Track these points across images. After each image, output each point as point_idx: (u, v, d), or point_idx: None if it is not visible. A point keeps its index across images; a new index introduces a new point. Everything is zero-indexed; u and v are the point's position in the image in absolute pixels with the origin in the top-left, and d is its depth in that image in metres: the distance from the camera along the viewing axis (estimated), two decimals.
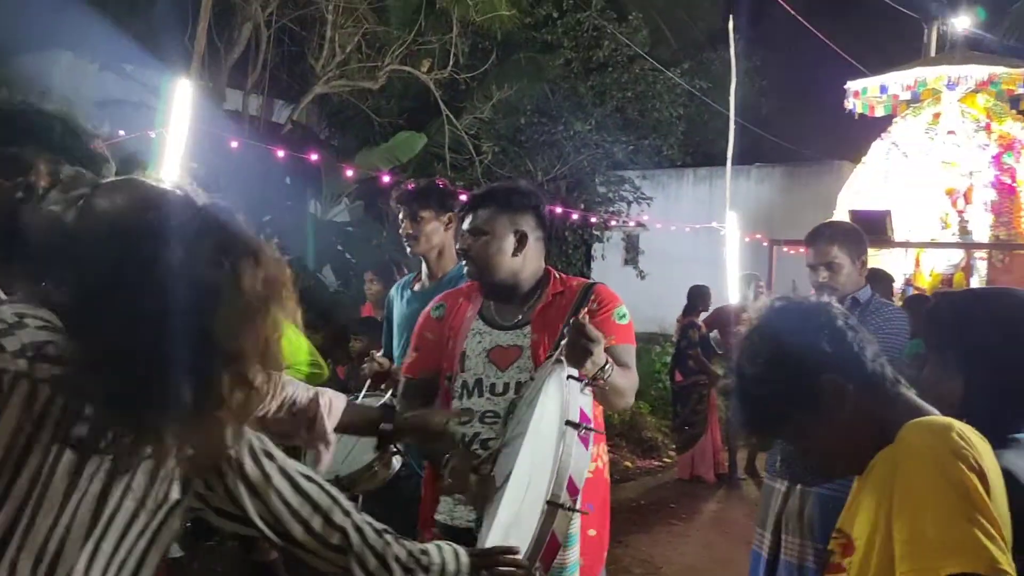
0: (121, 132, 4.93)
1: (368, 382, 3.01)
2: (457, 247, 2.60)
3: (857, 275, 3.14)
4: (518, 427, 2.07)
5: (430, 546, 1.50)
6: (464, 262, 2.47)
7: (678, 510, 6.85)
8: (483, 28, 10.80)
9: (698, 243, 12.50)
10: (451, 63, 10.47)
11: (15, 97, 1.49)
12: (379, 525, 1.47)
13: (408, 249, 3.23)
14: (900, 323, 3.08)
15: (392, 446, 2.75)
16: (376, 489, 2.88)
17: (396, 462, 2.85)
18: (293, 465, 1.40)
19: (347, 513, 1.43)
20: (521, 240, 2.40)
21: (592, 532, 2.30)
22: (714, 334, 7.60)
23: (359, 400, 3.00)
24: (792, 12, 9.30)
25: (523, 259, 2.41)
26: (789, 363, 1.49)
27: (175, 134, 4.36)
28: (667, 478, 7.94)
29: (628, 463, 8.17)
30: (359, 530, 1.43)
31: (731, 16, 9.79)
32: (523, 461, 1.92)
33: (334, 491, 1.43)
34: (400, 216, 3.21)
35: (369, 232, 11.28)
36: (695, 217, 12.56)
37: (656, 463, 8.44)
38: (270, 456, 1.37)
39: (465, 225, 2.46)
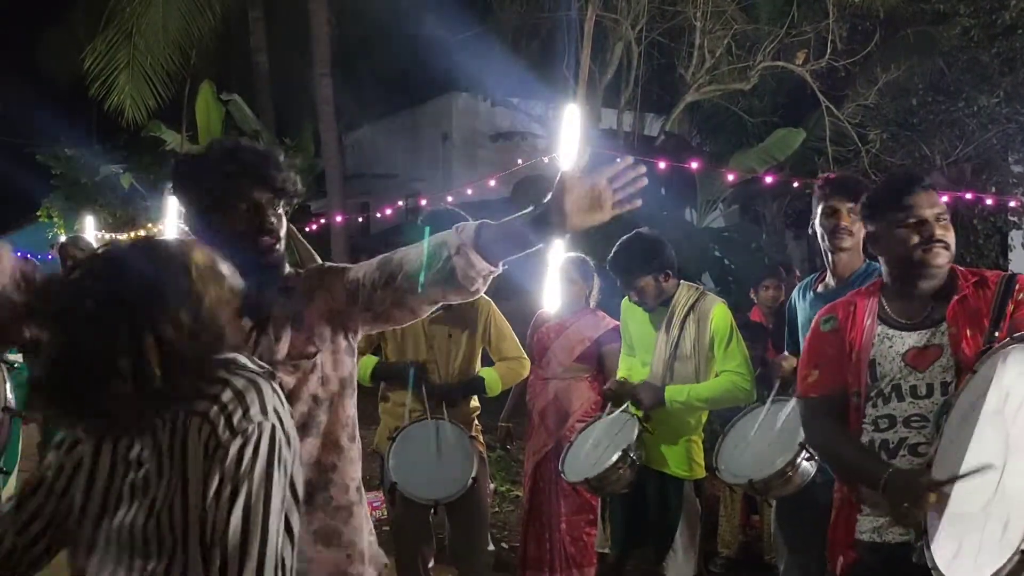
0: (519, 161, 5.42)
1: (777, 385, 2.93)
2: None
3: None
4: (962, 430, 1.91)
5: None
6: (868, 263, 2.33)
7: None
8: (863, 8, 10.10)
9: None
10: (828, 51, 9.94)
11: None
12: None
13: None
14: None
15: (805, 451, 2.68)
16: (788, 494, 2.83)
17: (811, 467, 2.76)
18: None
19: None
20: None
21: None
22: None
23: (769, 405, 2.95)
24: None
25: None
26: None
27: (566, 158, 4.62)
28: None
29: None
30: None
31: None
32: (976, 452, 1.82)
33: None
34: (820, 210, 3.03)
35: (747, 236, 11.05)
36: None
37: None
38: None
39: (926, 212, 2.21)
